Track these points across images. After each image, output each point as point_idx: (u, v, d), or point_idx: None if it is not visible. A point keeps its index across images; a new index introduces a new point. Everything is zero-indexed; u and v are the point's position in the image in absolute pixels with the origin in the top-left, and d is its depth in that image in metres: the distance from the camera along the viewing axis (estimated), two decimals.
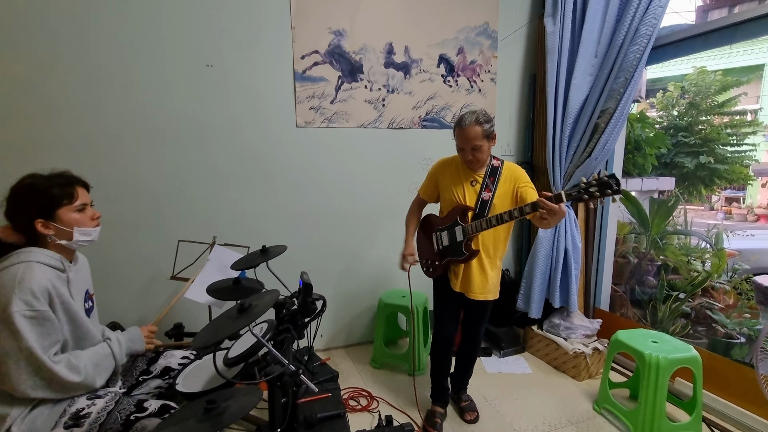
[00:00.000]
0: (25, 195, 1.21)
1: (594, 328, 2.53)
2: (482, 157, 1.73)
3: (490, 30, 2.82)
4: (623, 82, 2.22)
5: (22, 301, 1.09)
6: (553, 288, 2.58)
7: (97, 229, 1.34)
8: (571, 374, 2.43)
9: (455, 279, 1.82)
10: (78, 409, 1.19)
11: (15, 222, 1.21)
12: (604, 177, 1.44)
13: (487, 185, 1.76)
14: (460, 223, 1.77)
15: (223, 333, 0.96)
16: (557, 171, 2.55)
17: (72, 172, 1.31)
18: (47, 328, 1.14)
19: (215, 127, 2.31)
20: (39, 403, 1.16)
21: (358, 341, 2.84)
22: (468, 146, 1.70)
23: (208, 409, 0.86)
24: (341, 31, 2.48)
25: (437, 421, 1.96)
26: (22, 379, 1.10)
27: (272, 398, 1.09)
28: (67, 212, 1.24)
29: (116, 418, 1.19)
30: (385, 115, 2.66)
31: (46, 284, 1.15)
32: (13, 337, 1.09)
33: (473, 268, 1.77)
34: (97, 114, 2.10)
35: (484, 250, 1.78)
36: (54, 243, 1.25)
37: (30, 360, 1.10)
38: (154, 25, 2.12)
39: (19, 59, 1.95)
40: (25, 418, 1.13)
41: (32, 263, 1.16)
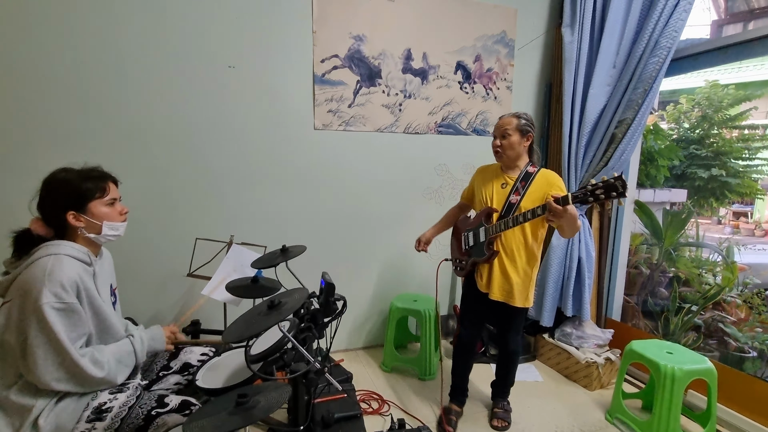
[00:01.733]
0: (59, 187, 1.23)
1: (606, 338, 2.52)
2: (510, 151, 1.77)
3: (507, 38, 2.85)
4: (642, 93, 2.23)
5: (52, 293, 1.11)
6: (566, 296, 2.58)
7: (124, 224, 1.36)
8: (582, 384, 2.42)
9: (480, 279, 1.86)
10: (100, 403, 1.20)
11: (46, 214, 1.23)
12: (611, 179, 1.44)
13: (517, 189, 1.78)
14: (484, 224, 1.82)
15: (254, 329, 0.97)
16: (572, 179, 2.56)
17: (103, 168, 1.34)
18: (74, 321, 1.15)
19: (235, 127, 2.34)
20: (64, 396, 1.17)
21: (368, 344, 2.84)
22: (499, 132, 1.79)
23: (240, 403, 0.87)
24: (361, 36, 2.51)
25: (452, 418, 2.00)
26: (48, 370, 1.11)
27: (296, 396, 1.09)
28: (98, 205, 1.26)
29: (138, 413, 1.20)
30: (402, 120, 2.68)
31: (74, 277, 1.16)
32: (42, 329, 1.10)
33: (496, 269, 1.80)
34: (120, 113, 2.13)
35: (506, 253, 1.79)
36: (83, 236, 1.26)
37: (57, 351, 1.12)
38: (178, 27, 2.16)
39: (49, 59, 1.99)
40: (51, 410, 1.14)
41: (61, 256, 1.18)
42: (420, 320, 2.47)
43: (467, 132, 2.85)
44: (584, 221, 2.57)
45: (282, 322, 1.36)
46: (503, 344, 1.99)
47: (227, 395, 0.95)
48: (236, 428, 0.80)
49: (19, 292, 1.12)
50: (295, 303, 1.04)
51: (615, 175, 1.43)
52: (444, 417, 2.01)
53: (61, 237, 1.24)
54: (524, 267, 1.80)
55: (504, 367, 2.06)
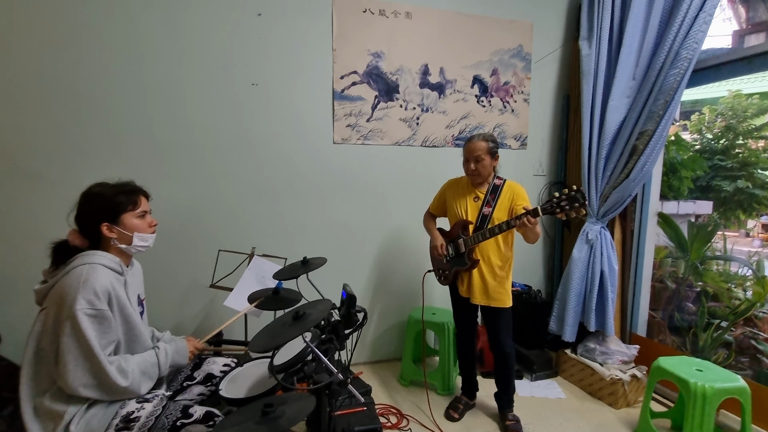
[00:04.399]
0: (95, 200, 1.29)
1: (631, 354, 2.44)
2: (483, 171, 1.95)
3: (524, 52, 2.87)
4: (663, 105, 2.21)
5: (86, 300, 1.15)
6: (588, 311, 2.52)
7: (153, 235, 1.41)
8: (607, 401, 2.34)
9: (461, 285, 2.05)
10: (128, 411, 1.23)
11: (82, 225, 1.29)
12: (572, 192, 1.67)
13: (488, 201, 1.97)
14: (462, 236, 1.98)
15: (279, 339, 0.98)
16: (593, 192, 2.53)
17: (135, 183, 1.40)
18: (105, 328, 1.19)
19: (257, 142, 2.40)
20: (94, 404, 1.20)
21: (386, 358, 2.83)
22: (472, 156, 1.94)
23: (266, 413, 0.88)
24: (379, 53, 2.57)
25: (460, 406, 2.20)
26: (77, 375, 1.15)
27: (318, 407, 1.10)
28: (130, 218, 1.32)
29: (163, 423, 1.22)
30: (419, 134, 2.71)
31: (107, 285, 1.20)
32: (74, 334, 1.14)
33: (474, 275, 1.98)
34: (148, 129, 2.22)
35: (483, 260, 1.97)
36: (115, 246, 1.31)
37: (87, 357, 1.15)
38: (204, 47, 2.26)
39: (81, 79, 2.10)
40: (82, 417, 1.17)
41: (96, 265, 1.22)
42: (439, 333, 2.45)
43: None
44: (606, 234, 2.53)
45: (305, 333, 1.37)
46: (496, 347, 2.07)
47: (252, 405, 0.96)
48: None
49: (55, 299, 1.17)
50: (319, 314, 1.05)
51: (575, 188, 1.67)
52: (450, 405, 2.21)
53: (96, 247, 1.29)
54: (500, 271, 1.97)
55: (502, 372, 2.10)
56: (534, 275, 3.10)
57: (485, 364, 2.62)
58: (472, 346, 2.23)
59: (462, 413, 2.19)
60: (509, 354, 2.05)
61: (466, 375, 2.26)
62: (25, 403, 1.17)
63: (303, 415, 0.89)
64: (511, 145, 2.93)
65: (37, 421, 1.16)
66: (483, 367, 2.62)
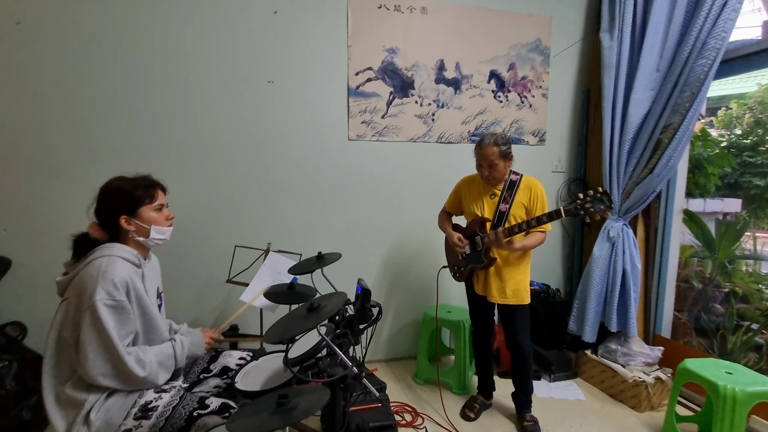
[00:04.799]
0: (113, 193, 1.31)
1: (655, 355, 2.36)
2: (498, 175, 1.91)
3: (542, 46, 2.81)
4: (689, 97, 2.12)
5: (105, 290, 1.17)
6: (610, 311, 2.45)
7: (170, 228, 1.42)
8: (630, 404, 2.27)
9: (477, 283, 2.03)
10: (147, 401, 1.25)
11: (102, 218, 1.31)
12: (598, 194, 1.65)
13: (505, 198, 1.94)
14: (479, 233, 1.94)
15: (294, 330, 0.97)
16: (614, 188, 2.45)
17: (152, 176, 1.41)
18: (124, 318, 1.21)
19: (273, 139, 2.42)
20: (113, 393, 1.22)
21: (401, 356, 2.81)
22: (485, 163, 1.90)
23: (281, 404, 0.87)
24: (394, 48, 2.56)
25: (476, 405, 2.16)
26: (97, 365, 1.16)
27: (333, 401, 1.09)
28: (148, 211, 1.33)
29: (180, 413, 1.23)
30: (435, 130, 2.69)
31: (125, 277, 1.22)
32: (94, 324, 1.16)
33: (491, 273, 1.95)
34: (166, 128, 2.26)
35: (501, 258, 1.93)
36: (133, 239, 1.33)
37: (106, 347, 1.17)
38: (221, 44, 2.28)
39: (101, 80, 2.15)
40: (102, 406, 1.19)
41: (114, 257, 1.24)
42: (454, 331, 2.42)
43: None
44: (628, 231, 2.45)
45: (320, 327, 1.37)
46: (513, 346, 2.03)
47: (266, 397, 0.96)
48: (278, 428, 0.80)
49: (75, 290, 1.19)
50: (333, 306, 1.04)
51: (600, 189, 1.64)
52: (466, 404, 2.18)
53: (115, 240, 1.31)
54: (517, 267, 1.94)
55: (519, 371, 2.06)
56: (553, 274, 3.03)
57: (502, 364, 2.57)
58: (489, 344, 2.19)
59: (478, 413, 2.15)
60: (527, 353, 2.00)
61: (483, 374, 2.22)
62: (48, 392, 1.20)
63: (317, 407, 0.88)
64: (529, 141, 2.87)
65: (59, 409, 1.19)
66: (500, 366, 2.57)
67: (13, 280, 2.13)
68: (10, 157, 2.09)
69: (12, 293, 2.13)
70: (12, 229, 2.12)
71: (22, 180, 2.11)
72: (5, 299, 2.12)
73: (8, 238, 2.11)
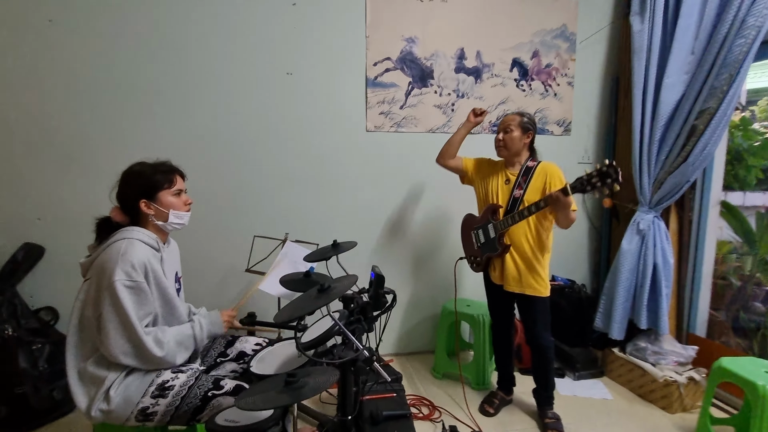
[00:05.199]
0: (134, 178, 1.34)
1: (688, 355, 2.23)
2: (511, 144, 1.88)
3: (568, 32, 2.71)
4: (727, 79, 1.99)
5: (123, 271, 1.19)
6: (639, 307, 2.33)
7: (188, 214, 1.44)
8: (660, 405, 2.15)
9: (493, 272, 1.98)
10: (163, 380, 1.27)
11: (123, 202, 1.35)
12: (604, 167, 1.56)
13: (519, 183, 1.88)
14: (491, 221, 1.91)
15: (303, 310, 0.97)
16: (645, 178, 2.33)
17: (172, 163, 1.44)
18: (142, 299, 1.23)
19: (291, 131, 2.43)
20: (132, 372, 1.25)
21: (418, 350, 2.77)
22: (501, 127, 1.91)
23: (289, 382, 0.86)
24: (413, 38, 2.52)
25: (495, 401, 2.11)
26: (118, 343, 1.19)
27: (344, 384, 1.07)
28: (166, 195, 1.36)
29: (196, 393, 1.25)
30: (454, 120, 2.63)
31: (144, 259, 1.24)
32: (114, 305, 1.18)
33: (507, 261, 1.89)
34: (187, 119, 2.31)
35: (515, 245, 1.88)
36: (152, 223, 1.36)
37: (125, 326, 1.19)
38: (242, 37, 2.31)
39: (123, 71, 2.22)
40: (121, 383, 1.22)
41: (134, 240, 1.27)
42: (474, 325, 2.37)
43: None
44: (660, 224, 2.33)
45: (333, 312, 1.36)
46: (532, 340, 1.98)
47: (276, 377, 0.95)
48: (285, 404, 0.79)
49: (96, 271, 1.23)
50: (343, 288, 1.03)
51: (607, 162, 1.56)
52: (485, 400, 2.13)
53: (135, 224, 1.35)
54: (533, 256, 1.86)
55: (539, 367, 2.00)
56: (578, 270, 2.92)
57: (524, 361, 2.50)
58: (509, 338, 2.13)
59: (497, 408, 2.09)
60: (546, 347, 1.93)
61: (503, 369, 2.16)
62: (71, 369, 1.24)
63: (326, 385, 0.87)
64: (554, 131, 2.78)
65: (81, 386, 1.22)
66: (521, 363, 2.50)
67: (46, 268, 2.23)
68: (45, 150, 2.19)
69: (45, 280, 2.23)
70: (45, 218, 2.22)
71: (56, 172, 2.21)
72: (39, 286, 2.22)
73: (42, 227, 2.21)
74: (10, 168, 2.16)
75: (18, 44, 2.11)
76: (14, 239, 2.14)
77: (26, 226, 2.18)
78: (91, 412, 1.20)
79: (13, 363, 1.91)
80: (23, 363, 1.94)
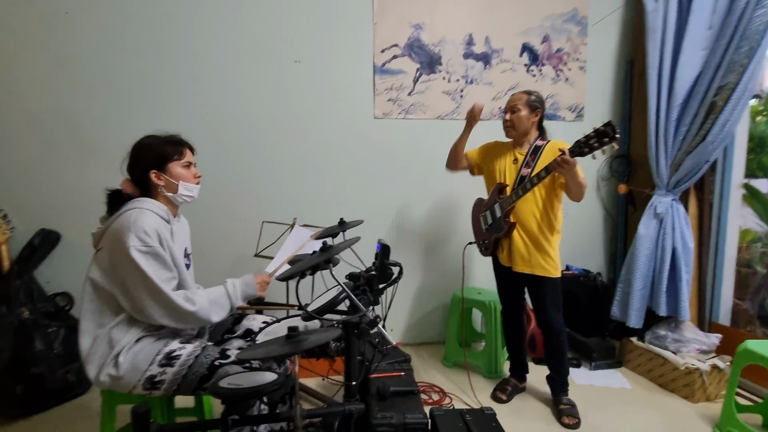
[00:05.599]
0: (144, 150, 1.35)
1: (711, 343, 2.14)
2: (518, 124, 1.85)
3: (579, 16, 2.66)
4: (747, 52, 1.92)
5: (137, 237, 1.20)
6: (658, 294, 2.25)
7: (197, 186, 1.44)
8: (682, 394, 2.07)
9: (502, 253, 1.93)
10: (171, 350, 1.27)
11: (133, 174, 1.36)
12: (601, 127, 1.52)
13: (528, 162, 1.85)
14: (498, 200, 1.88)
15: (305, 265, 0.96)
16: (662, 160, 2.26)
17: (181, 136, 1.45)
18: (161, 263, 1.23)
19: (299, 118, 2.45)
20: (141, 338, 1.26)
21: (429, 341, 2.73)
22: (509, 107, 1.89)
23: (290, 336, 0.85)
24: (420, 24, 2.52)
25: (508, 388, 2.05)
26: (150, 307, 1.19)
27: (349, 348, 1.05)
28: (176, 167, 1.37)
29: (203, 362, 1.25)
30: (463, 107, 2.61)
31: (155, 226, 1.25)
32: (134, 271, 1.19)
33: (515, 240, 1.85)
34: (197, 107, 2.35)
35: (522, 224, 1.84)
36: (162, 195, 1.37)
37: (151, 290, 1.19)
38: (251, 27, 2.34)
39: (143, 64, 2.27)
40: (130, 350, 1.23)
41: (144, 209, 1.28)
42: (485, 312, 2.32)
43: None
44: (679, 207, 2.25)
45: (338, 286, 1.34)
46: (544, 323, 1.92)
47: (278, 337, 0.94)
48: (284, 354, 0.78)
49: (109, 239, 1.24)
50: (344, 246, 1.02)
51: (605, 122, 1.51)
52: (497, 387, 2.08)
53: (146, 195, 1.36)
54: (541, 235, 1.82)
55: (552, 351, 1.94)
56: (594, 259, 2.84)
57: (537, 350, 2.43)
58: (520, 324, 2.08)
59: (510, 395, 2.04)
60: (559, 331, 1.88)
61: (515, 355, 2.11)
62: (83, 335, 1.25)
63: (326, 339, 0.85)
64: (566, 117, 2.73)
65: (92, 352, 1.23)
66: (535, 353, 2.44)
67: (62, 254, 2.29)
68: (64, 140, 2.25)
69: (61, 266, 2.28)
70: (61, 205, 2.27)
71: (73, 160, 2.27)
72: (56, 271, 2.27)
73: (58, 215, 2.27)
74: (30, 156, 2.23)
75: (39, 39, 2.18)
76: (32, 225, 2.20)
77: (43, 212, 2.24)
78: (100, 377, 1.21)
79: (30, 344, 1.96)
80: (39, 345, 1.98)
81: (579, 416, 1.85)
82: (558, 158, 1.58)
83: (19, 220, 2.18)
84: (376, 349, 1.48)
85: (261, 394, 0.98)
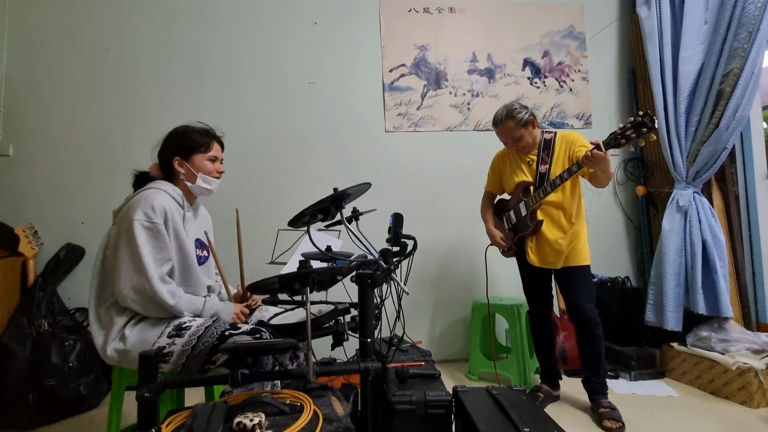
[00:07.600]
0: (175, 136, 1.43)
1: (762, 342, 1.95)
2: (526, 144, 1.83)
3: (576, 32, 2.80)
4: (746, 37, 1.96)
5: (143, 212, 1.22)
6: (693, 291, 2.11)
7: (217, 181, 1.48)
8: (738, 399, 1.85)
9: (531, 253, 1.83)
10: (180, 322, 1.23)
11: (161, 158, 1.42)
12: (638, 117, 1.49)
13: (543, 159, 1.82)
14: (523, 199, 1.84)
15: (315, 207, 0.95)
16: (677, 153, 2.23)
17: (214, 130, 1.52)
18: (159, 242, 1.23)
19: (313, 134, 2.56)
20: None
21: (451, 358, 2.58)
22: (509, 140, 1.86)
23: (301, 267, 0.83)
24: (426, 45, 2.69)
25: (539, 395, 1.91)
26: (126, 283, 1.17)
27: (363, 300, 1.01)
28: (201, 158, 1.42)
29: (213, 332, 1.21)
30: (471, 118, 2.69)
31: (165, 205, 1.27)
32: (129, 242, 1.19)
33: (543, 236, 1.79)
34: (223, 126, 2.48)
35: (549, 219, 1.79)
36: (182, 182, 1.42)
37: (137, 267, 1.18)
38: (269, 53, 2.55)
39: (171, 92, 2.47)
40: (137, 324, 1.21)
41: (159, 189, 1.32)
42: (509, 318, 2.20)
43: (542, 126, 2.73)
44: (702, 199, 2.18)
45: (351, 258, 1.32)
46: (577, 315, 1.79)
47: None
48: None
49: (122, 215, 1.27)
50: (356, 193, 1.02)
51: (641, 112, 1.50)
52: (530, 393, 1.93)
53: (169, 180, 1.41)
54: (569, 225, 1.77)
55: (587, 347, 1.80)
56: (620, 267, 2.72)
57: (569, 362, 2.25)
58: (549, 324, 1.96)
59: (543, 404, 1.87)
60: (594, 322, 1.75)
61: (545, 360, 1.97)
62: (92, 311, 1.24)
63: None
64: (573, 125, 2.76)
65: (99, 327, 1.22)
66: (566, 364, 2.26)
67: (85, 271, 2.33)
68: (94, 160, 2.40)
69: (84, 282, 2.31)
70: (88, 222, 2.36)
71: (102, 179, 2.39)
72: (78, 286, 2.32)
73: (84, 231, 2.35)
74: (62, 176, 2.37)
75: (77, 71, 2.42)
76: (59, 240, 2.28)
77: (70, 228, 2.33)
78: (107, 351, 1.18)
79: (46, 356, 1.94)
80: (55, 357, 1.97)
81: (622, 420, 1.67)
82: (589, 153, 1.55)
83: (47, 234, 2.27)
84: (392, 335, 1.42)
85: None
